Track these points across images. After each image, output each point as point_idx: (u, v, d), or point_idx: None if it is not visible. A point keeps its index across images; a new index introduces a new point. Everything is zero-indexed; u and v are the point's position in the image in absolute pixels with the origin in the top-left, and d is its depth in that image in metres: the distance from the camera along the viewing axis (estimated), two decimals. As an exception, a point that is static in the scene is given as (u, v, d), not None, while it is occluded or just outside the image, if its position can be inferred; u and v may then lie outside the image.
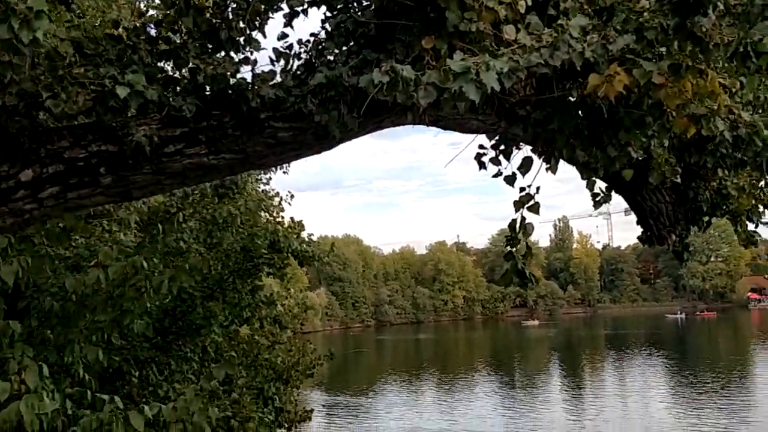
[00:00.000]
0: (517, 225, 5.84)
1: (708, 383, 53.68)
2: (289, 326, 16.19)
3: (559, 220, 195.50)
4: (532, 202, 5.78)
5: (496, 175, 5.91)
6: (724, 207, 8.26)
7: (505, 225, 6.09)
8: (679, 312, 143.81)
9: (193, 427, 5.85)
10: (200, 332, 10.27)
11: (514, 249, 5.86)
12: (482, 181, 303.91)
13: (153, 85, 5.42)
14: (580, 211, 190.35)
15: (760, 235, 9.00)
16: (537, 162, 5.87)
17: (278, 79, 5.73)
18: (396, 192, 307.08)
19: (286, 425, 14.57)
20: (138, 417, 5.25)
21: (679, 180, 6.50)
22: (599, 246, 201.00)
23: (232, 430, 9.61)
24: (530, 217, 5.85)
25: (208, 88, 6.01)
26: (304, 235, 13.73)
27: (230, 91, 5.86)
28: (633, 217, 7.73)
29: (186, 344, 10.61)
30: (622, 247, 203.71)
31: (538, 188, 5.76)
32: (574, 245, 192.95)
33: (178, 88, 6.06)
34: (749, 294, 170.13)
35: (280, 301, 14.57)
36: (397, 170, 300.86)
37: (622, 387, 57.23)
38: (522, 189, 5.78)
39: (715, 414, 40.73)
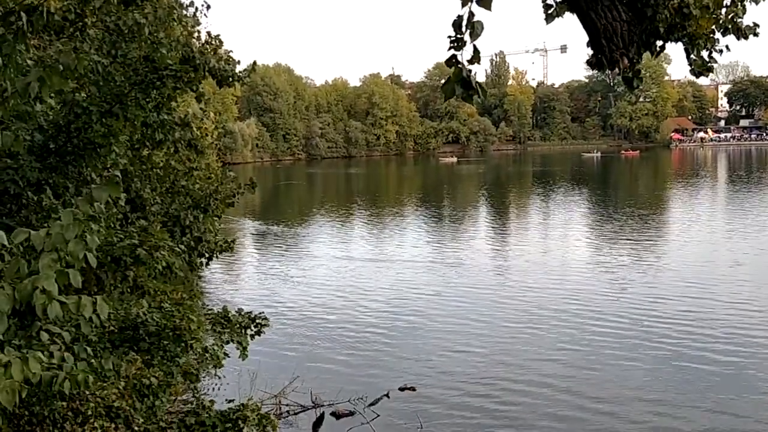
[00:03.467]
0: (463, 23, 4.76)
1: (623, 217, 55.64)
2: (206, 151, 15.09)
3: (495, 55, 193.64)
4: (482, -7, 4.65)
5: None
6: (682, 30, 7.53)
7: (441, 59, 4.96)
8: (595, 151, 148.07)
9: (71, 257, 4.93)
10: (99, 152, 9.15)
11: (458, 53, 4.80)
12: (419, 6, 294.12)
13: None
14: (517, 47, 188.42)
15: (716, 62, 8.34)
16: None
17: None
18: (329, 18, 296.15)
19: (207, 255, 13.85)
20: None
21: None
22: (534, 83, 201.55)
23: (138, 259, 8.79)
24: (480, 14, 4.77)
25: None
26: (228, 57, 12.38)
27: None
28: (569, 55, 6.74)
29: (86, 165, 9.49)
30: (556, 85, 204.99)
31: (490, -25, 4.61)
32: (509, 81, 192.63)
33: None
34: (672, 134, 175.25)
35: (196, 123, 13.37)
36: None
37: (544, 221, 58.89)
38: (471, -24, 4.63)
39: (629, 244, 42.33)
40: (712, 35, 7.98)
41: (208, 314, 12.17)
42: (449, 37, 4.89)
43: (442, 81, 4.95)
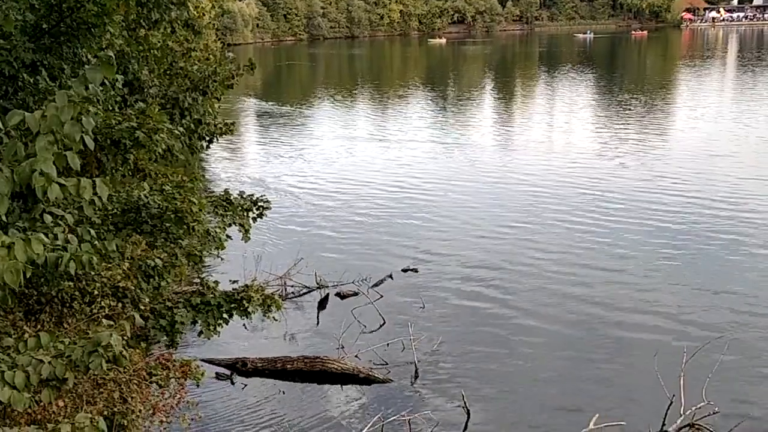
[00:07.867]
0: None
1: (625, 101, 54.88)
2: (204, 32, 14.68)
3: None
4: None
5: None
6: None
7: None
8: (588, 32, 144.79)
9: (67, 139, 4.90)
10: (93, 32, 8.92)
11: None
12: None
13: None
14: None
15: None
16: None
17: None
18: None
19: (207, 137, 13.79)
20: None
21: None
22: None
23: (138, 141, 8.75)
24: None
25: None
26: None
27: None
28: None
29: (80, 46, 9.28)
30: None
31: None
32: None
33: None
34: (683, 14, 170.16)
35: (193, 3, 12.94)
36: None
37: (547, 103, 58.16)
38: None
39: (630, 130, 41.99)
40: None
41: (210, 197, 12.23)
42: None
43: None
